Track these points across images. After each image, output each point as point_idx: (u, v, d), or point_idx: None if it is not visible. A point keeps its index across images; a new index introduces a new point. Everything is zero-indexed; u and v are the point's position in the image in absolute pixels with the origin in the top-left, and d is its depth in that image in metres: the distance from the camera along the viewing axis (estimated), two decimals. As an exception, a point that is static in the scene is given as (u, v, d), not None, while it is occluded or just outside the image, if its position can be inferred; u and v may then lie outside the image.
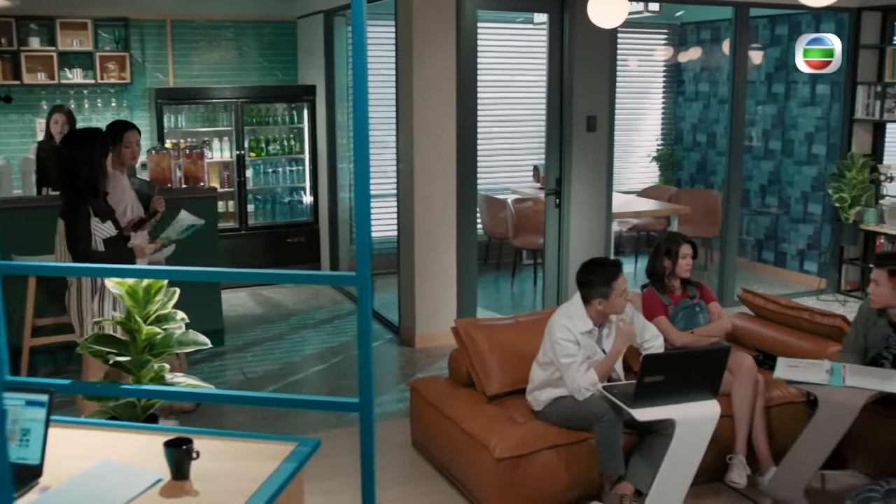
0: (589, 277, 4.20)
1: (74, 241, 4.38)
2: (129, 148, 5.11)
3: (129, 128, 5.15)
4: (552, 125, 6.91)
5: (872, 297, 4.38)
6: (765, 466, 4.45)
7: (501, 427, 4.21)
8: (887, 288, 4.31)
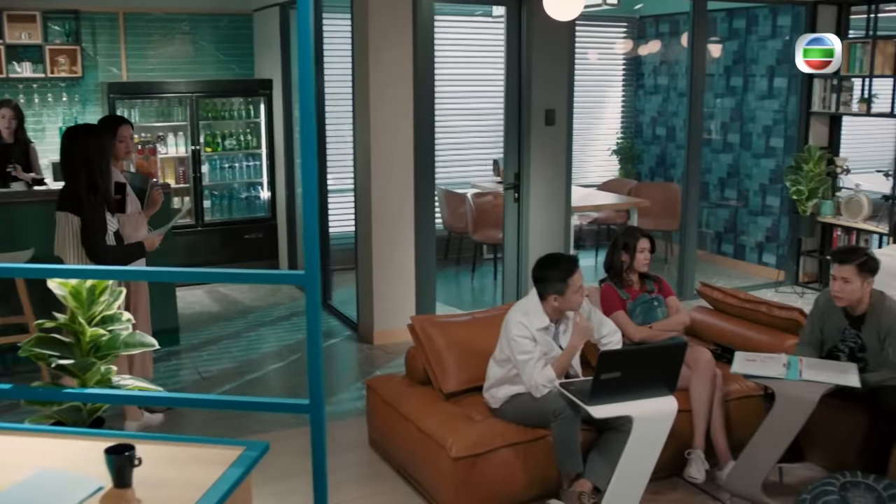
0: (544, 273, 4.15)
1: (91, 234, 4.47)
2: (122, 142, 5.09)
3: (122, 122, 5.15)
4: (510, 119, 6.86)
5: (840, 295, 4.30)
6: (723, 461, 4.44)
7: (458, 425, 4.16)
8: (857, 283, 4.26)
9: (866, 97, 7.91)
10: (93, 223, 4.50)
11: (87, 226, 4.50)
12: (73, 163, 4.56)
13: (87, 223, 4.50)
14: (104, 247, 4.53)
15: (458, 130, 9.42)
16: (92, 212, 4.50)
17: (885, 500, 3.74)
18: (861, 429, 4.34)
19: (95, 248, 4.49)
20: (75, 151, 4.56)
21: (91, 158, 4.52)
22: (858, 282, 4.27)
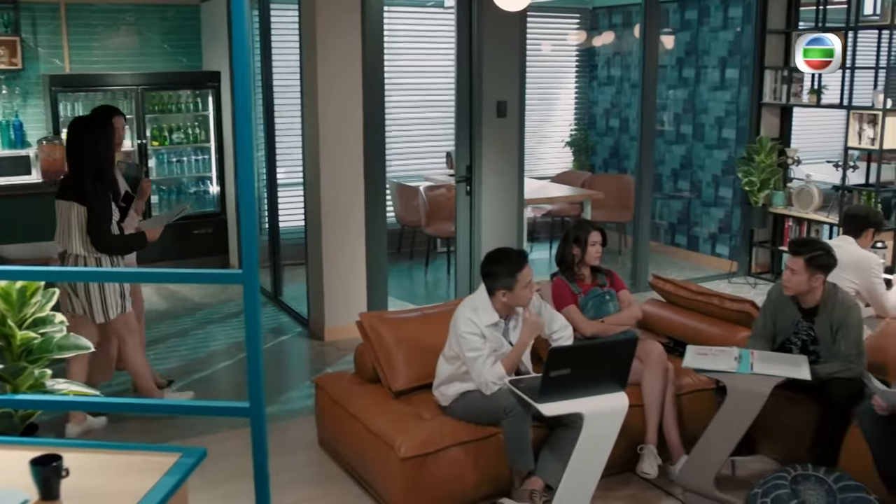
0: (493, 269, 4.08)
1: (97, 223, 4.61)
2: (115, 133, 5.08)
3: (116, 113, 5.19)
4: (462, 111, 6.77)
5: (787, 285, 4.33)
6: (676, 455, 4.40)
7: (407, 424, 4.08)
8: (804, 276, 4.27)
9: (816, 88, 7.94)
10: (99, 212, 4.62)
11: (94, 215, 4.61)
12: (80, 153, 4.68)
13: (94, 212, 4.61)
14: (110, 236, 4.66)
15: (411, 123, 9.34)
16: (99, 201, 4.62)
17: (835, 492, 3.73)
18: (812, 421, 4.33)
19: (101, 237, 4.63)
20: (82, 142, 4.69)
21: (98, 149, 4.67)
22: (805, 275, 4.25)
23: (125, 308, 4.84)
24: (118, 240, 4.73)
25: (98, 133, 4.72)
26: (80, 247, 4.69)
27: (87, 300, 4.71)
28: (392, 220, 9.00)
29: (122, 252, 4.79)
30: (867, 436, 3.96)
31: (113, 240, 4.68)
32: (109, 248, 4.69)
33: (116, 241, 4.71)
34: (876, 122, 7.35)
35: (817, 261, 4.26)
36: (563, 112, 10.52)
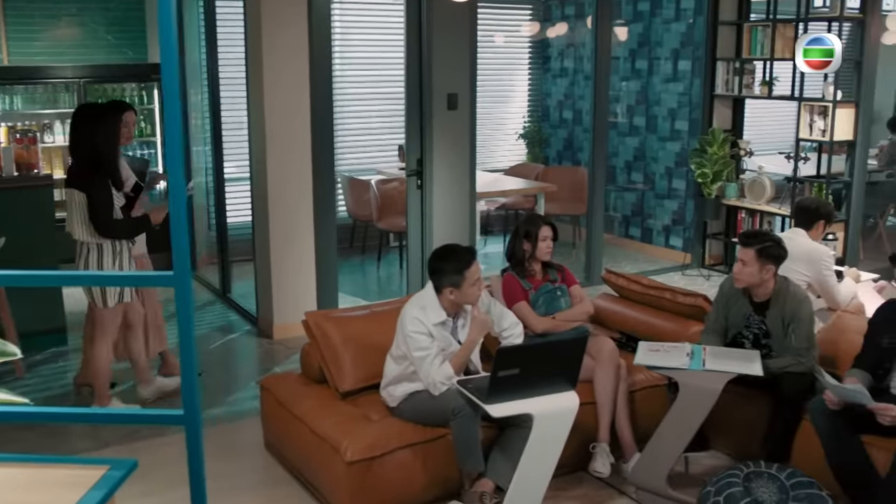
0: (440, 265, 3.97)
1: (98, 209, 4.69)
2: (126, 128, 5.12)
3: (127, 108, 5.20)
4: (412, 103, 6.65)
5: (738, 277, 4.30)
6: (628, 453, 4.34)
7: (353, 427, 3.96)
8: (754, 267, 4.24)
9: (767, 80, 7.93)
10: (99, 199, 4.69)
11: (94, 202, 4.69)
12: (82, 142, 4.79)
13: (94, 199, 4.69)
14: (111, 221, 4.74)
15: (362, 115, 9.19)
16: (99, 189, 4.70)
17: (787, 489, 3.69)
18: (765, 416, 4.29)
19: (103, 223, 4.71)
20: (84, 132, 4.79)
21: (97, 140, 4.75)
22: (756, 266, 4.22)
23: (123, 297, 4.94)
24: (120, 224, 4.80)
25: (98, 125, 4.78)
26: (83, 233, 4.80)
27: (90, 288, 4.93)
28: (344, 215, 8.89)
29: (125, 236, 4.85)
30: (819, 431, 3.93)
31: (115, 224, 4.76)
32: (112, 233, 4.77)
33: (118, 225, 4.79)
34: (826, 113, 7.36)
35: (767, 252, 4.22)
36: (516, 104, 10.44)
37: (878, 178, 9.29)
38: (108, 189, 4.75)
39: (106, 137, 4.79)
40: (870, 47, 7.54)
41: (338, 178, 8.91)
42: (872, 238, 9.39)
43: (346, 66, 9.10)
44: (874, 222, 9.51)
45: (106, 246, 4.80)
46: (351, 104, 9.06)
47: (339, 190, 9.00)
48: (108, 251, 4.80)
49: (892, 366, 3.96)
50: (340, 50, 9.03)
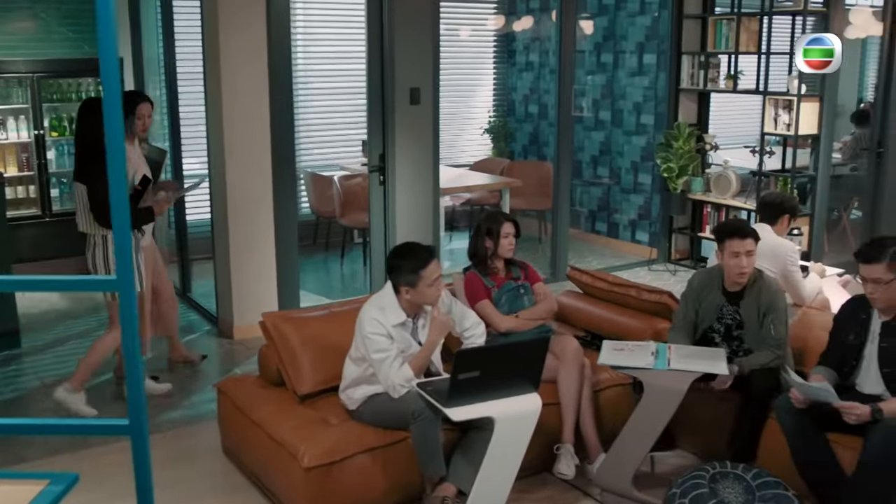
0: (397, 263, 3.87)
1: (97, 201, 4.70)
2: (140, 120, 5.16)
3: (142, 100, 5.22)
4: (374, 98, 6.54)
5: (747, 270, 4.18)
6: (593, 454, 4.26)
7: (312, 431, 3.85)
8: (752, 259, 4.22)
9: (732, 74, 7.90)
10: (98, 190, 4.68)
11: (93, 193, 4.72)
12: (82, 135, 4.83)
13: (93, 190, 4.72)
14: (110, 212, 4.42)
15: (325, 111, 9.06)
16: (96, 180, 4.69)
17: (753, 489, 3.63)
18: (731, 414, 4.24)
19: (102, 214, 4.71)
20: (84, 124, 4.82)
21: (98, 134, 4.62)
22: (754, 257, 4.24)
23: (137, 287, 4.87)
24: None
25: (97, 117, 4.67)
26: (86, 225, 4.87)
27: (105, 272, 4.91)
28: (307, 211, 8.76)
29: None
30: (785, 429, 3.87)
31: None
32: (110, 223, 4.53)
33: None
34: (791, 107, 7.34)
35: None
36: (481, 98, 10.35)
37: (842, 171, 9.29)
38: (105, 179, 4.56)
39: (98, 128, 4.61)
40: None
41: (300, 174, 8.79)
42: (837, 231, 9.41)
43: (309, 61, 8.96)
44: (838, 215, 9.53)
45: (111, 237, 4.80)
46: (314, 99, 8.93)
47: (302, 186, 8.88)
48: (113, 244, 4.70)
49: (857, 363, 3.91)
50: (303, 44, 8.90)
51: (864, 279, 3.78)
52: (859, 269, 3.80)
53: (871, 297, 3.79)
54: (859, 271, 3.80)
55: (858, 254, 3.81)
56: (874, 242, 3.78)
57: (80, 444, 4.61)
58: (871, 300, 3.81)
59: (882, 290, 3.73)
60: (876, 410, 3.60)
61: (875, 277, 3.73)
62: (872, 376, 3.87)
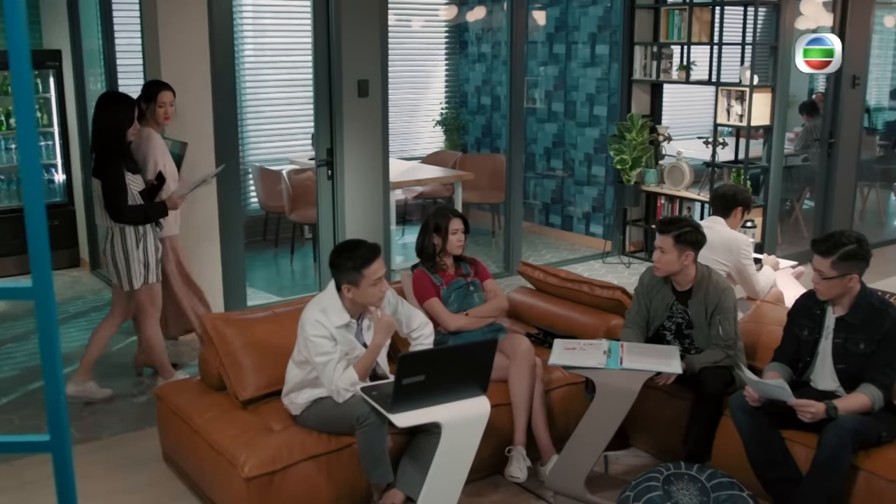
0: (339, 260, 3.70)
1: (111, 196, 4.74)
2: (161, 108, 5.18)
3: (163, 88, 5.22)
4: (321, 91, 6.37)
5: (658, 266, 4.17)
6: (546, 456, 4.16)
7: (253, 438, 3.70)
8: (673, 254, 4.10)
9: (685, 65, 7.84)
10: (112, 185, 4.73)
11: (107, 188, 4.75)
12: (95, 129, 4.86)
13: (107, 185, 4.75)
14: (125, 206, 4.77)
15: (274, 104, 8.86)
16: (110, 175, 4.74)
17: (708, 490, 3.55)
18: (686, 412, 4.16)
19: (116, 209, 4.75)
20: (96, 118, 4.84)
21: (108, 126, 4.78)
22: (675, 253, 4.09)
23: (148, 279, 4.97)
24: (134, 210, 4.81)
25: (112, 111, 4.80)
26: (103, 218, 4.90)
27: (116, 269, 4.93)
28: (256, 207, 8.58)
29: (140, 222, 4.85)
30: (739, 427, 3.80)
31: (129, 210, 4.78)
32: (126, 218, 4.79)
33: (133, 211, 4.80)
34: (744, 98, 7.29)
35: (685, 237, 4.09)
36: (433, 90, 10.20)
37: (794, 162, 9.29)
38: (119, 174, 4.75)
39: (119, 123, 4.77)
40: (785, 32, 7.50)
41: (249, 168, 8.60)
42: (790, 222, 9.42)
43: (258, 53, 8.76)
44: (791, 206, 9.54)
45: (128, 230, 4.84)
46: (262, 92, 8.73)
47: (251, 181, 8.69)
48: (131, 235, 4.86)
49: (812, 359, 3.85)
50: (253, 35, 8.70)
51: (814, 268, 3.75)
52: (813, 258, 3.75)
53: (815, 287, 3.78)
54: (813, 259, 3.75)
55: (815, 243, 3.76)
56: (833, 237, 3.72)
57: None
58: (815, 289, 3.78)
59: (823, 283, 3.70)
60: (831, 408, 3.54)
61: (819, 269, 3.71)
62: (827, 372, 3.81)
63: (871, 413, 3.61)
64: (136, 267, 4.90)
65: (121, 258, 4.88)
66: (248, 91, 8.62)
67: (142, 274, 4.92)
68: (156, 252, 4.98)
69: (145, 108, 5.16)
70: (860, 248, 3.69)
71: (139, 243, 4.88)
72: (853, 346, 3.71)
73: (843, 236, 3.70)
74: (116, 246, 4.88)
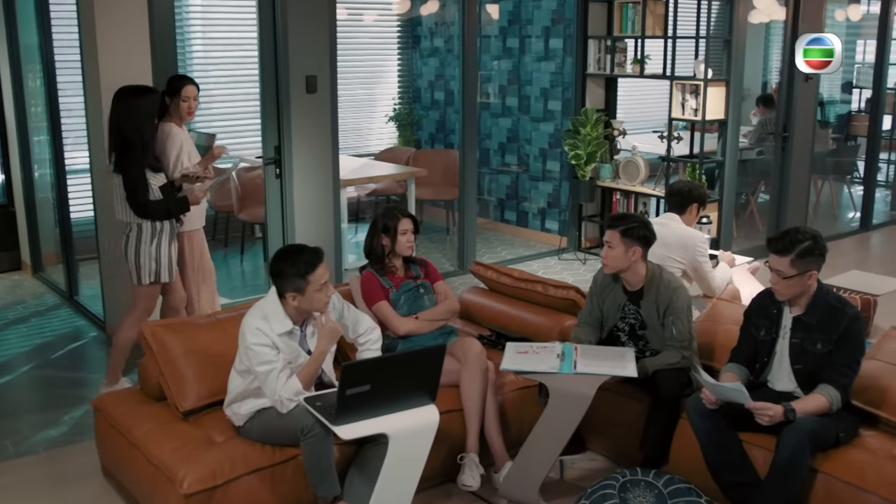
0: (282, 267, 3.55)
1: (133, 190, 4.74)
2: (185, 102, 5.12)
3: (187, 82, 5.15)
4: (268, 87, 6.18)
5: (605, 262, 4.08)
6: (500, 462, 4.03)
7: (193, 452, 3.53)
8: (620, 250, 4.00)
9: (639, 58, 7.76)
10: (133, 180, 4.73)
11: (128, 183, 4.75)
12: (118, 125, 4.79)
13: (127, 180, 4.75)
14: (149, 202, 4.78)
15: (223, 100, 8.64)
16: (129, 169, 4.73)
17: (665, 497, 3.45)
18: (642, 415, 4.06)
19: (137, 204, 4.76)
20: (118, 114, 4.78)
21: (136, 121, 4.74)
22: (622, 248, 3.99)
23: (159, 277, 4.94)
24: (156, 205, 4.81)
25: (138, 104, 4.76)
26: (123, 214, 4.90)
27: (128, 264, 4.95)
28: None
29: (162, 217, 4.85)
30: (696, 431, 3.70)
31: (152, 205, 4.79)
32: (149, 213, 4.81)
33: (154, 206, 4.80)
34: (698, 92, 7.23)
35: (633, 232, 3.99)
36: (386, 85, 10.04)
37: (748, 155, 9.27)
38: (139, 169, 4.74)
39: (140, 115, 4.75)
40: (738, 25, 7.45)
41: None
42: (744, 216, 9.41)
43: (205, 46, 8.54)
44: (746, 200, 9.53)
45: (145, 226, 4.85)
46: (211, 88, 8.50)
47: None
48: (147, 231, 4.86)
49: (769, 359, 3.76)
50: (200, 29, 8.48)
51: (771, 268, 3.65)
52: (769, 257, 3.65)
53: (774, 288, 3.67)
54: (769, 259, 3.66)
55: (770, 242, 3.66)
56: (788, 234, 3.62)
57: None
58: (774, 290, 3.68)
59: (782, 283, 3.60)
60: (789, 410, 3.46)
61: (777, 269, 3.60)
62: (784, 373, 3.73)
63: (828, 414, 3.53)
64: (147, 262, 4.89)
65: (132, 253, 4.89)
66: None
67: (152, 271, 4.90)
68: (170, 251, 4.94)
69: (168, 103, 5.10)
70: (816, 244, 3.60)
71: (153, 240, 4.88)
72: (810, 346, 3.63)
73: (798, 233, 3.61)
74: (131, 241, 4.89)
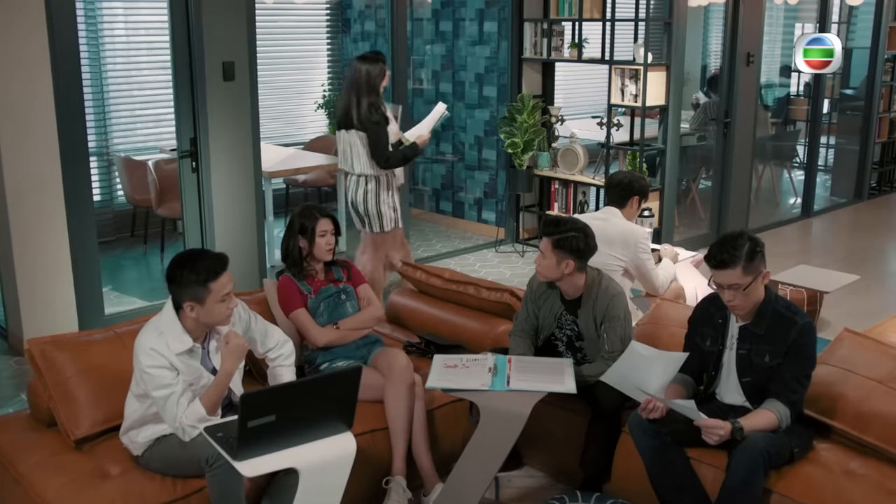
0: (179, 273, 3.16)
1: (376, 145, 5.46)
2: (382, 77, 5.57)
3: (383, 59, 5.60)
4: (181, 75, 5.75)
5: (537, 269, 3.77)
6: (429, 485, 3.71)
7: (84, 488, 3.14)
8: (551, 260, 3.69)
9: (577, 42, 7.46)
10: (377, 136, 5.45)
11: (374, 138, 5.44)
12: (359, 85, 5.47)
13: (372, 137, 5.45)
14: (390, 154, 5.52)
15: (138, 88, 8.14)
16: (376, 126, 5.44)
17: (608, 522, 3.15)
18: (582, 428, 3.77)
19: (385, 157, 5.49)
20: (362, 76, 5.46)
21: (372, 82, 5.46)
22: (553, 259, 3.68)
23: (398, 223, 5.76)
24: (397, 154, 5.57)
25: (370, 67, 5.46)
26: (365, 167, 5.55)
27: (367, 216, 5.65)
28: (123, 201, 7.91)
29: (401, 164, 5.67)
30: (640, 449, 3.41)
31: (392, 156, 5.53)
32: (392, 163, 5.57)
33: (395, 156, 5.55)
34: (638, 77, 6.95)
35: (566, 243, 3.66)
36: (315, 71, 9.61)
37: (689, 141, 9.04)
38: (384, 125, 5.46)
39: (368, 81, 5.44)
40: (679, 8, 7.19)
41: (112, 158, 7.93)
42: (686, 203, 9.20)
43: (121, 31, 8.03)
44: (687, 186, 9.32)
45: (382, 179, 5.60)
46: (124, 75, 8.01)
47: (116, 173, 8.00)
48: (384, 182, 5.62)
49: (717, 371, 3.48)
50: (110, 14, 7.97)
51: (720, 286, 3.32)
52: (712, 275, 3.33)
53: (731, 305, 3.32)
54: (713, 277, 3.33)
55: (709, 258, 3.33)
56: (725, 244, 3.28)
57: None
58: (731, 307, 3.35)
59: (741, 296, 3.27)
60: (737, 429, 3.17)
61: (732, 283, 3.26)
62: (732, 385, 3.44)
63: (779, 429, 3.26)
64: (387, 211, 5.62)
65: (372, 204, 5.57)
66: (109, 75, 7.90)
67: (392, 218, 5.65)
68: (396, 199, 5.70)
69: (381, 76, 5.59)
70: (755, 243, 3.30)
71: (389, 190, 5.63)
72: (758, 359, 3.34)
73: (732, 240, 3.29)
74: (370, 193, 5.57)
